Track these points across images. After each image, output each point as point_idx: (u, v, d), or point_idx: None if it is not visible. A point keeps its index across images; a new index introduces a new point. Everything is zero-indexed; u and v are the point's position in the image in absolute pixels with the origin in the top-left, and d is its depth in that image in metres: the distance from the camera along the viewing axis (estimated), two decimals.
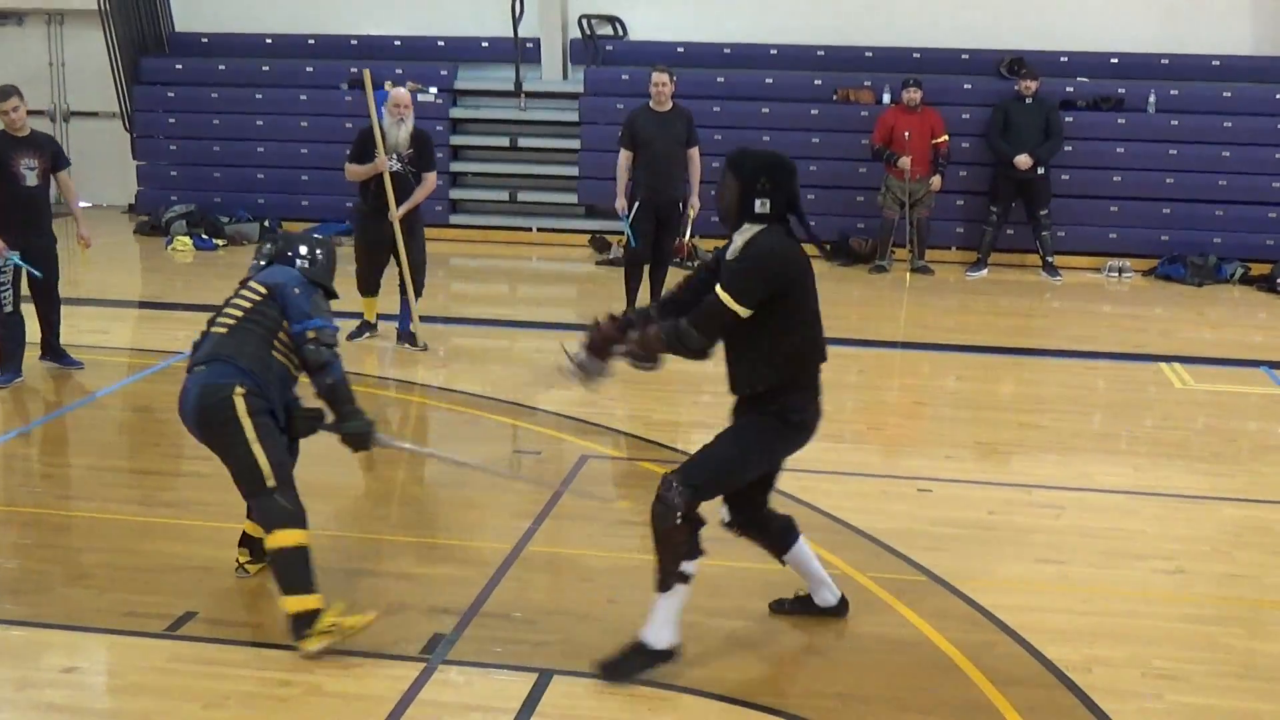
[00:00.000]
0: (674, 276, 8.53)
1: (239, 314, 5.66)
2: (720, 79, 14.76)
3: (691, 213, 11.02)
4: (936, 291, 13.01)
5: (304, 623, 5.22)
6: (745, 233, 5.10)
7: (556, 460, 7.85)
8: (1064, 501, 7.22)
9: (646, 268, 10.90)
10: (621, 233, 11.27)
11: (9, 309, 8.95)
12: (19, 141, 9.05)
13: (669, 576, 5.11)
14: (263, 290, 5.67)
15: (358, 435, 5.71)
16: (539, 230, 15.18)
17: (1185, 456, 8.19)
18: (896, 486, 7.39)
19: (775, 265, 5.00)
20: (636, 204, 10.76)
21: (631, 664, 5.13)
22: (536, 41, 15.29)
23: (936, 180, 13.60)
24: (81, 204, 10.19)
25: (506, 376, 9.60)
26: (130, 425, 8.62)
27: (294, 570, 5.27)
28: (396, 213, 9.88)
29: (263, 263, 5.94)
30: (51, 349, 9.42)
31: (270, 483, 5.40)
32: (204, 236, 14.51)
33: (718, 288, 4.99)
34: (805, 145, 14.41)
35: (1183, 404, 9.33)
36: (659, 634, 5.15)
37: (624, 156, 10.80)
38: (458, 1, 15.66)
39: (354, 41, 15.83)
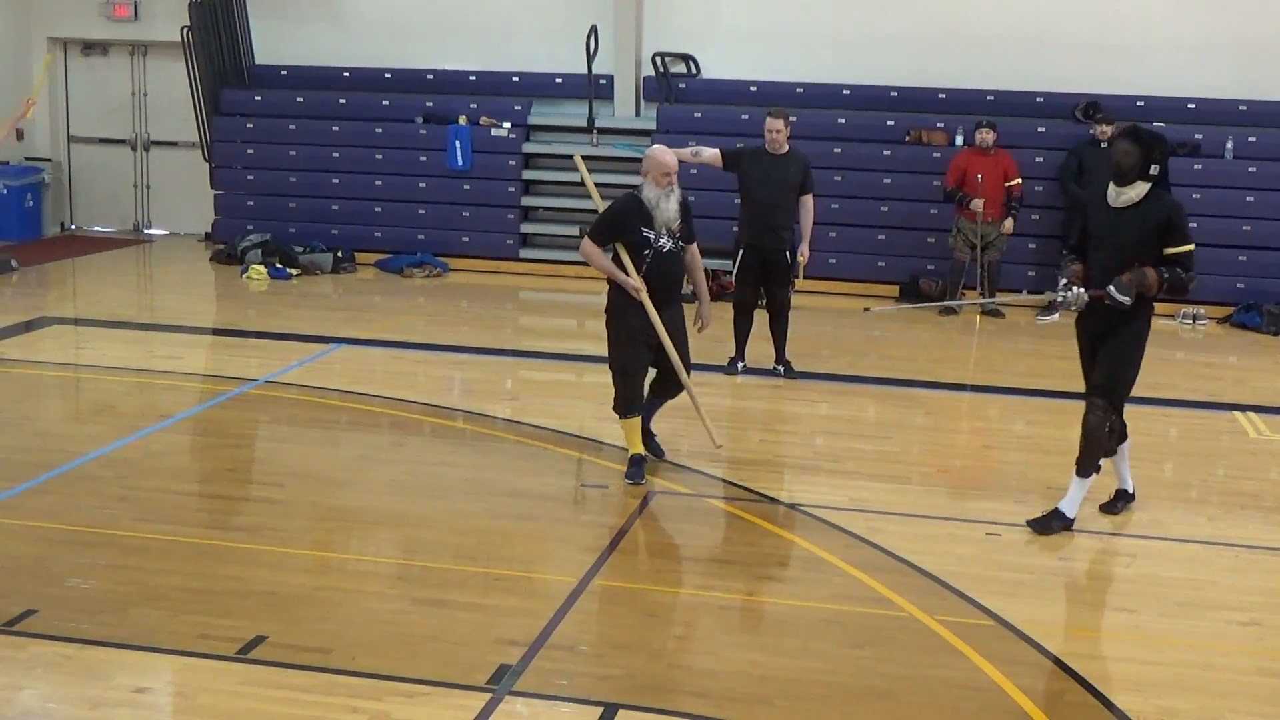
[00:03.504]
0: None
1: None
2: (792, 118, 14.75)
3: (802, 260, 10.68)
4: (1007, 335, 12.93)
5: None
6: (1136, 188, 7.01)
7: (622, 495, 7.86)
8: (1136, 549, 7.13)
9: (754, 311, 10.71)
10: (728, 271, 11.11)
11: None
12: None
13: (1089, 467, 7.25)
14: None
15: None
16: None
17: (1260, 507, 8.06)
18: (965, 529, 7.34)
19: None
20: (741, 251, 10.59)
21: (1050, 524, 7.23)
22: (610, 78, 15.41)
23: (1009, 223, 13.53)
24: (157, 231, 10.12)
25: (573, 410, 9.63)
26: (203, 450, 8.74)
27: None
28: (706, 307, 8.17)
29: None
30: None
31: None
32: (278, 266, 14.70)
33: (1176, 241, 7.01)
34: (877, 186, 14.41)
35: (1258, 454, 9.20)
36: (1071, 507, 7.27)
37: (716, 155, 10.40)
38: (533, 38, 15.82)
39: (430, 76, 16.03)
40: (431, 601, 6.12)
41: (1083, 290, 7.17)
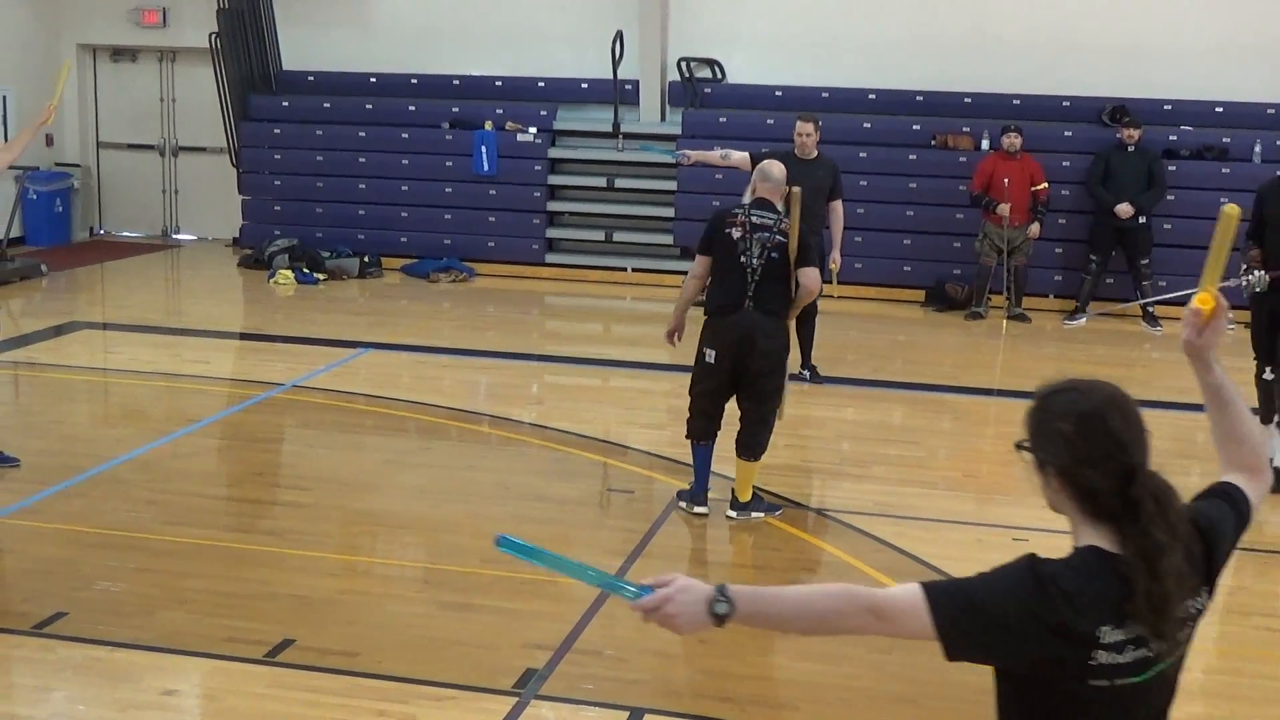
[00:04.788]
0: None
1: None
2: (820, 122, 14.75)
3: (834, 267, 10.63)
4: (1033, 339, 12.88)
5: None
6: None
7: (648, 500, 7.87)
8: None
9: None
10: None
11: None
12: None
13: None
14: None
15: None
16: (634, 270, 15.26)
17: None
18: (992, 535, 7.32)
19: None
20: None
21: None
22: (635, 83, 15.42)
23: (1035, 228, 13.49)
24: (185, 236, 10.21)
25: (598, 415, 9.65)
26: (231, 454, 8.79)
27: None
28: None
29: None
30: None
31: None
32: (305, 270, 14.77)
33: None
34: (903, 190, 14.38)
35: None
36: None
37: (745, 158, 10.06)
38: (559, 43, 15.85)
39: (456, 81, 16.07)
40: (457, 605, 6.14)
41: (1263, 273, 7.80)
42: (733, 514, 7.39)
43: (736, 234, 7.21)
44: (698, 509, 7.39)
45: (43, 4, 16.70)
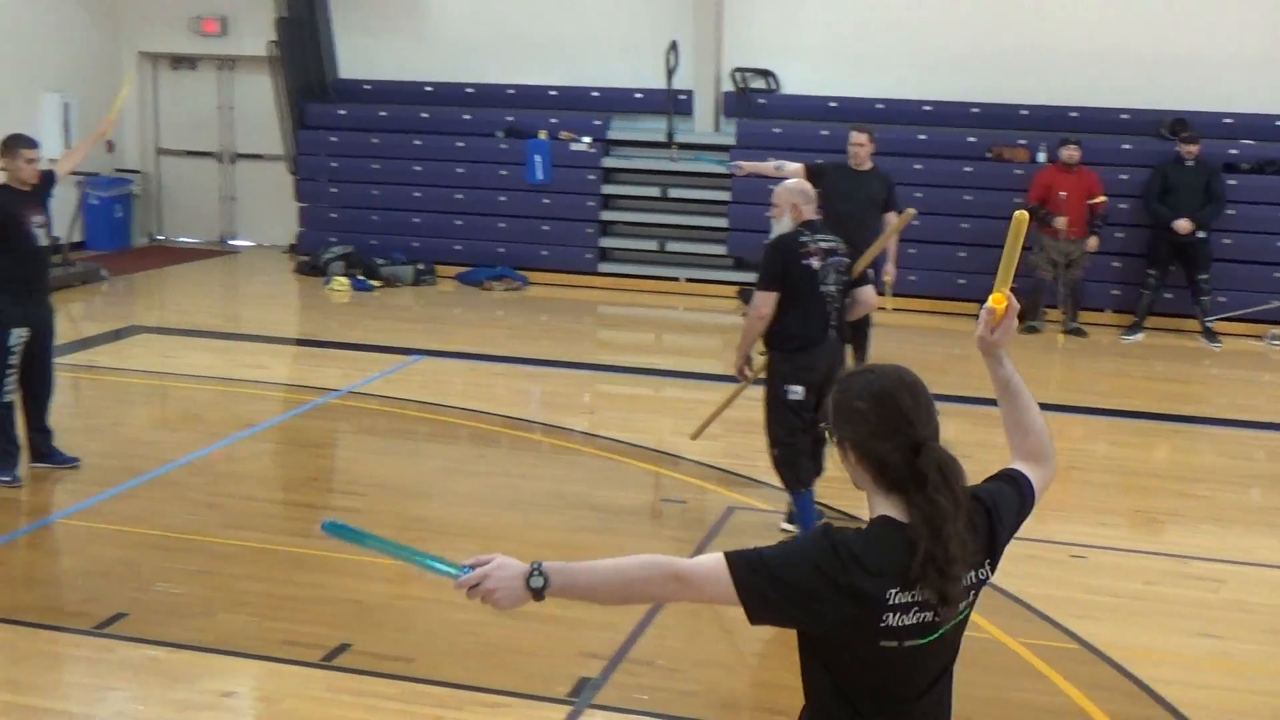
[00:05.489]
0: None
1: None
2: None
3: (888, 279, 10.52)
4: (1090, 354, 12.77)
5: None
6: None
7: (701, 510, 7.87)
8: (1223, 575, 7.01)
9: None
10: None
11: (9, 398, 7.87)
12: (27, 197, 7.86)
13: None
14: None
15: None
16: (687, 280, 15.27)
17: None
18: (1048, 551, 7.25)
19: None
20: None
21: None
22: (690, 93, 15.43)
23: (1093, 241, 13.37)
24: (243, 242, 10.34)
25: (651, 424, 9.65)
26: (287, 458, 8.86)
27: None
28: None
29: None
30: (39, 449, 8.08)
31: None
32: (360, 277, 14.87)
33: None
34: (957, 203, 14.31)
35: None
36: None
37: (799, 170, 9.96)
38: (613, 53, 15.88)
39: (511, 91, 16.14)
40: (511, 613, 6.14)
41: None
42: (789, 526, 7.35)
43: (816, 264, 6.89)
44: None
45: (105, 13, 16.91)
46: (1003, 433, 3.05)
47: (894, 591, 2.59)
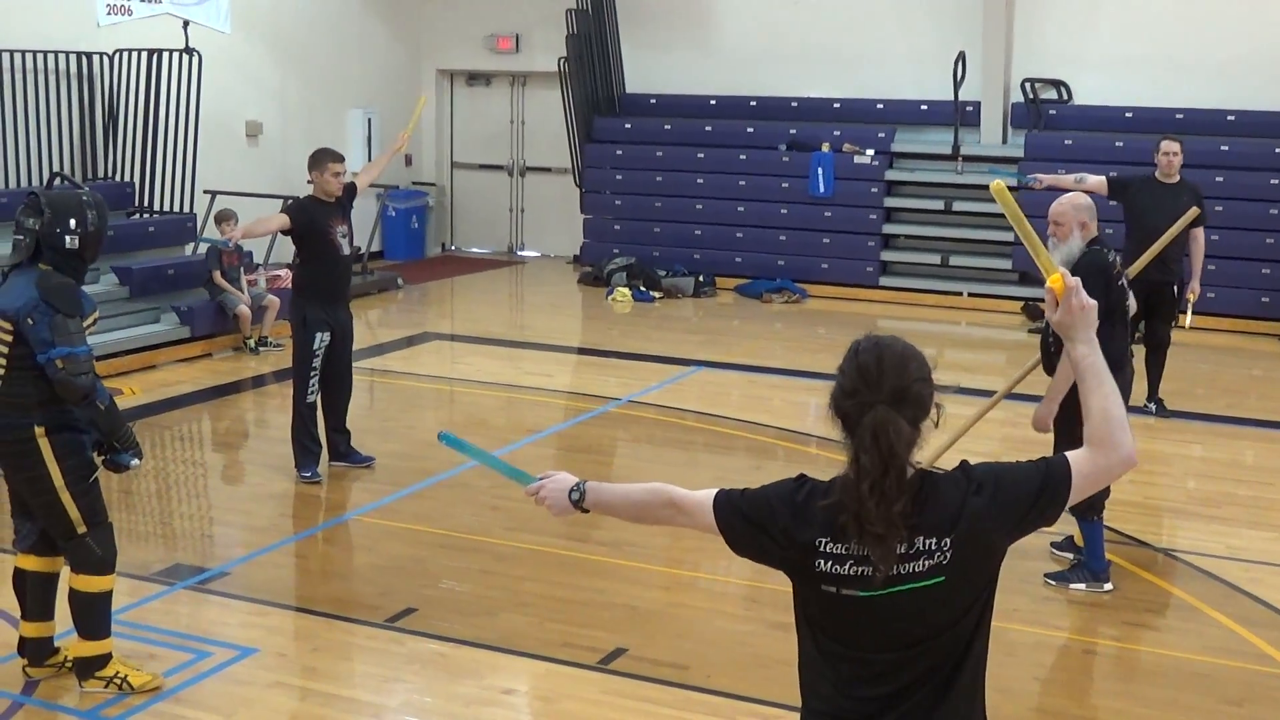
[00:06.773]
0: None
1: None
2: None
3: (1191, 297, 10.12)
4: None
5: (91, 666, 5.35)
6: None
7: None
8: None
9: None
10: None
11: (312, 398, 8.28)
12: (332, 208, 8.27)
13: None
14: (7, 326, 5.16)
15: (117, 465, 5.37)
16: (970, 295, 14.96)
17: None
18: None
19: None
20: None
21: None
22: (977, 105, 15.13)
23: None
24: (529, 253, 10.51)
25: (929, 441, 9.46)
26: (568, 465, 9.02)
27: (93, 615, 5.34)
28: None
29: (6, 269, 5.44)
30: (338, 448, 8.47)
31: (80, 529, 5.26)
32: (642, 289, 15.12)
33: None
34: (1262, 217, 13.58)
35: None
36: None
37: (1101, 182, 9.86)
38: (899, 65, 15.69)
39: (794, 104, 16.14)
40: (784, 626, 6.07)
41: None
42: (1064, 554, 7.09)
43: (1124, 283, 6.69)
44: (1107, 586, 6.73)
45: (406, 32, 17.71)
46: None
47: (824, 540, 2.76)
